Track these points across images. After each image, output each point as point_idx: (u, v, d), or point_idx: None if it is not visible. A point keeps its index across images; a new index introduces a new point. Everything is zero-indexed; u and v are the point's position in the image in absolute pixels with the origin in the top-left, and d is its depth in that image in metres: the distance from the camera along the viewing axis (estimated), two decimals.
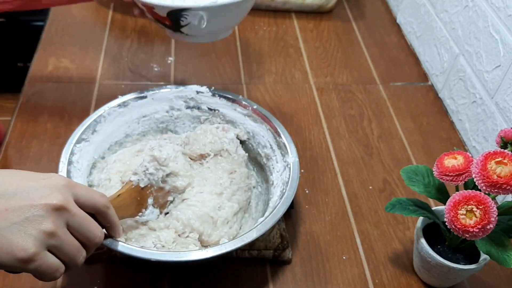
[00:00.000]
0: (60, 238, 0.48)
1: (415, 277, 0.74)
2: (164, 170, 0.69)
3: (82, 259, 0.51)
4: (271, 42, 1.15)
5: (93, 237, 0.51)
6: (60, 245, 0.48)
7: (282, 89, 1.04)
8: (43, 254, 0.47)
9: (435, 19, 1.06)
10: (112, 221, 0.56)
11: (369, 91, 1.05)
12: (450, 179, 0.63)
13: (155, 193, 0.69)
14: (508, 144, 0.64)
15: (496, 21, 0.86)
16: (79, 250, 0.50)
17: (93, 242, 0.52)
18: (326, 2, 1.22)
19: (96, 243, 0.52)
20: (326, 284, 0.73)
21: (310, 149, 0.92)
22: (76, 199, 0.50)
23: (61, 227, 0.48)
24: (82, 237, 0.51)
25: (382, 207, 0.83)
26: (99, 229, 0.53)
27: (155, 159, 0.69)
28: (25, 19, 1.83)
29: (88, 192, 0.52)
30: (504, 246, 0.62)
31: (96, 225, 0.52)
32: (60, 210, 0.48)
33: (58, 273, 0.49)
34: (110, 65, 1.04)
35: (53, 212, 0.47)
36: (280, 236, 0.75)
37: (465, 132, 0.96)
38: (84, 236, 0.51)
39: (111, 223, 0.56)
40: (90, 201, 0.52)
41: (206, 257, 0.61)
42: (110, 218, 0.55)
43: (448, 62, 1.02)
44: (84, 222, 0.50)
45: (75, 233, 0.50)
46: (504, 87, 0.84)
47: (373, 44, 1.18)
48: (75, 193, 0.50)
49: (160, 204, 0.70)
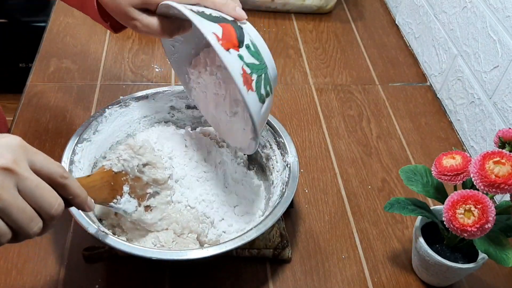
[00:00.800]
0: (6, 201, 0.44)
1: (414, 276, 0.75)
2: (139, 159, 0.68)
3: (37, 229, 0.47)
4: (271, 42, 1.16)
5: (48, 207, 0.47)
6: (7, 209, 0.44)
7: (281, 90, 1.04)
8: None
9: (433, 20, 1.07)
10: (75, 192, 0.51)
11: (368, 92, 1.06)
12: (448, 178, 0.64)
13: (131, 182, 0.67)
14: (506, 144, 0.65)
15: (494, 22, 0.87)
16: (32, 219, 0.46)
17: (48, 212, 0.47)
18: (326, 3, 1.23)
19: (52, 214, 0.47)
20: (325, 283, 0.73)
21: (310, 148, 0.92)
22: (31, 164, 0.46)
23: (8, 189, 0.44)
24: (35, 205, 0.46)
25: (381, 206, 0.84)
26: (56, 199, 0.48)
27: (130, 147, 0.68)
28: (26, 20, 1.84)
29: (45, 159, 0.48)
30: (502, 245, 0.63)
31: (53, 195, 0.48)
32: (8, 171, 0.44)
33: (4, 239, 0.45)
34: (112, 66, 1.05)
35: (2, 172, 0.44)
36: (279, 235, 0.75)
37: (463, 132, 0.97)
38: (37, 204, 0.46)
39: (74, 195, 0.51)
40: (46, 168, 0.48)
41: (206, 255, 0.62)
42: (71, 189, 0.50)
43: (446, 63, 1.02)
44: (37, 188, 0.46)
45: (28, 199, 0.46)
46: (502, 88, 0.85)
47: (372, 44, 1.19)
48: (30, 158, 0.46)
49: (138, 195, 0.68)
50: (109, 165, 0.65)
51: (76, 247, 0.73)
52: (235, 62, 0.56)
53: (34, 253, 0.73)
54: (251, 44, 0.59)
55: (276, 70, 0.63)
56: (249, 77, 0.57)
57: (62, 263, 0.72)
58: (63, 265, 0.72)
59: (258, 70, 0.59)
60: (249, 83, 0.57)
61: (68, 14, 1.16)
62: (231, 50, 0.56)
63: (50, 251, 0.73)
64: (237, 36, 0.58)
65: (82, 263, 0.72)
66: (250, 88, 0.57)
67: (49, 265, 0.72)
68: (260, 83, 0.59)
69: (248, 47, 0.58)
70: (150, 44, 1.11)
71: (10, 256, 0.72)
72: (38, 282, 0.70)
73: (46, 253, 0.73)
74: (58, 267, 0.71)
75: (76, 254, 0.73)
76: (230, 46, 0.57)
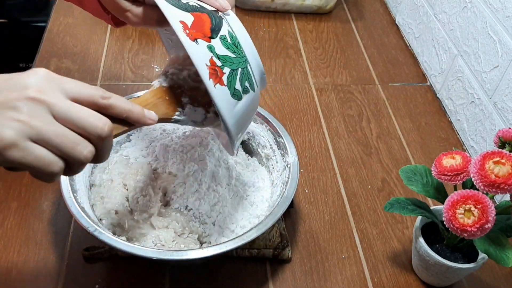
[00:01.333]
0: (41, 128, 0.43)
1: (414, 276, 0.75)
2: (188, 69, 0.62)
3: (88, 153, 0.46)
4: (271, 43, 1.16)
5: (91, 127, 0.46)
6: (44, 137, 0.44)
7: (281, 90, 1.04)
8: (25, 144, 0.43)
9: (433, 20, 1.07)
10: (125, 109, 0.49)
11: (368, 92, 1.06)
12: (448, 178, 0.64)
13: (189, 93, 0.61)
14: (506, 144, 0.65)
15: (494, 22, 0.87)
16: (78, 143, 0.45)
17: (94, 132, 0.46)
18: (326, 3, 1.23)
19: (99, 134, 0.46)
20: (325, 283, 0.73)
21: (310, 149, 0.93)
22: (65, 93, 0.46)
23: (41, 117, 0.44)
24: (77, 129, 0.45)
25: (381, 206, 0.84)
26: (99, 118, 0.46)
27: (173, 61, 0.63)
28: (27, 20, 1.84)
29: (77, 85, 0.47)
30: (502, 245, 0.63)
31: (93, 114, 0.46)
32: (35, 101, 0.44)
33: (56, 167, 0.45)
34: (112, 66, 1.05)
35: (30, 102, 0.43)
36: (279, 235, 0.75)
37: (463, 132, 0.97)
38: (79, 128, 0.45)
39: (125, 111, 0.49)
40: (83, 94, 0.47)
41: (206, 255, 0.62)
42: (119, 107, 0.49)
43: (446, 63, 1.02)
44: (71, 111, 0.45)
45: (67, 125, 0.45)
46: (502, 88, 0.85)
47: (372, 44, 1.19)
48: (62, 87, 0.46)
49: (201, 103, 0.61)
50: (158, 82, 0.60)
51: (76, 247, 0.73)
52: (201, 53, 0.54)
53: (34, 253, 0.73)
54: (228, 36, 0.56)
55: (263, 67, 0.60)
56: (219, 70, 0.54)
57: (62, 263, 0.72)
58: (63, 265, 0.72)
59: (233, 63, 0.56)
60: (218, 76, 0.54)
61: (68, 14, 1.16)
62: (199, 40, 0.54)
63: (50, 251, 0.73)
64: (212, 26, 0.56)
65: (82, 263, 0.72)
66: (219, 82, 0.54)
67: (49, 265, 0.72)
68: (234, 77, 0.56)
69: (223, 39, 0.56)
70: (150, 44, 1.11)
71: (10, 256, 0.72)
72: (38, 282, 0.70)
73: (46, 253, 0.73)
74: (58, 267, 0.71)
75: (76, 254, 0.73)
76: (199, 36, 0.54)
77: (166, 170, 0.74)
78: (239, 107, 0.57)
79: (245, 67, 0.57)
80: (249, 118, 0.62)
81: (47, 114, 0.44)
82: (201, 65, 0.53)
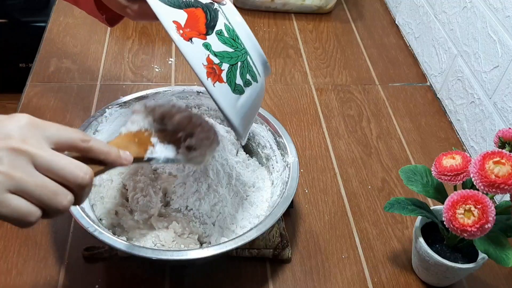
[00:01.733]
0: (21, 180, 0.43)
1: (414, 276, 0.75)
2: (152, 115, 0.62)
3: (67, 203, 0.46)
4: (271, 43, 1.16)
5: (72, 177, 0.46)
6: (24, 188, 0.44)
7: (281, 90, 1.04)
8: (3, 196, 0.43)
9: (433, 20, 1.07)
10: (103, 151, 0.50)
11: (368, 92, 1.06)
12: (448, 178, 0.64)
13: (156, 134, 0.61)
14: (506, 144, 0.65)
15: (494, 22, 0.87)
16: (57, 193, 0.45)
17: (74, 182, 0.46)
18: (325, 3, 1.23)
19: (79, 183, 0.46)
20: (325, 283, 0.73)
21: (310, 149, 0.93)
22: (46, 139, 0.46)
23: (22, 168, 0.44)
24: (58, 178, 0.45)
25: (381, 206, 0.84)
26: (80, 168, 0.46)
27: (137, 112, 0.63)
28: (27, 20, 1.84)
29: (59, 129, 0.47)
30: (502, 245, 0.63)
31: (74, 164, 0.46)
32: (17, 152, 0.44)
33: (32, 217, 0.45)
34: (112, 66, 1.05)
35: (11, 153, 0.43)
36: (280, 235, 0.75)
37: (463, 132, 0.97)
38: (59, 177, 0.45)
39: (103, 154, 0.50)
40: (63, 138, 0.47)
41: (206, 255, 0.62)
42: (98, 150, 0.49)
43: (446, 63, 1.02)
44: (52, 161, 0.45)
45: (48, 174, 0.45)
46: (502, 88, 0.85)
47: (372, 44, 1.19)
48: (44, 134, 0.46)
49: (171, 141, 0.62)
50: (125, 129, 0.60)
51: (76, 247, 0.73)
52: (196, 53, 0.53)
53: (34, 253, 0.73)
54: (225, 30, 0.55)
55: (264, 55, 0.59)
56: (217, 68, 0.53)
57: (62, 263, 0.72)
58: (63, 265, 0.72)
59: (232, 58, 0.54)
60: (217, 74, 0.53)
61: (68, 14, 1.16)
62: (194, 39, 0.53)
63: (50, 251, 0.73)
64: (207, 22, 0.54)
65: (82, 263, 0.72)
66: (218, 80, 0.53)
67: (49, 265, 0.72)
68: (234, 72, 0.55)
69: (219, 33, 0.54)
70: (150, 44, 1.11)
71: (10, 256, 0.72)
72: (38, 282, 0.70)
73: (46, 253, 0.73)
74: (58, 267, 0.71)
75: (76, 254, 0.73)
76: (194, 35, 0.53)
77: (166, 171, 0.74)
78: (242, 101, 0.56)
79: (245, 60, 0.56)
80: (255, 109, 0.60)
81: (28, 165, 0.44)
82: (197, 66, 0.52)
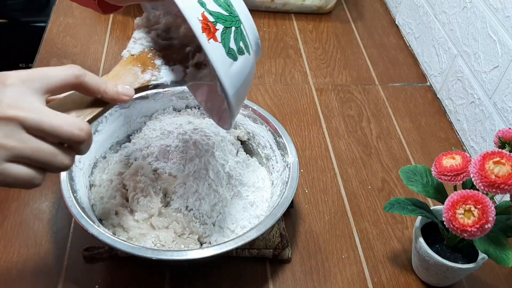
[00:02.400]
0: (15, 148, 0.43)
1: (414, 276, 0.75)
2: (156, 28, 0.59)
3: (68, 161, 0.46)
4: (271, 43, 1.16)
5: (66, 135, 0.45)
6: (20, 154, 0.43)
7: (282, 90, 1.04)
8: (2, 166, 0.43)
9: (433, 20, 1.07)
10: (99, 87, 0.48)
11: (368, 92, 1.06)
12: (448, 179, 0.64)
13: (161, 53, 0.58)
14: (506, 144, 0.65)
15: (494, 22, 0.87)
16: (55, 154, 0.45)
17: (69, 140, 0.45)
18: (326, 3, 1.23)
19: (76, 140, 0.45)
20: (325, 283, 0.73)
21: (310, 149, 0.93)
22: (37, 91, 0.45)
23: (14, 136, 0.43)
24: (53, 139, 0.45)
25: (381, 206, 0.84)
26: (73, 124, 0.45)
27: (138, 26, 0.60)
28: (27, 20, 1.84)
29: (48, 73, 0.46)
30: (502, 245, 0.63)
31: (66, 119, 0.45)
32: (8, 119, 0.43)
33: (37, 180, 0.45)
34: (112, 66, 1.05)
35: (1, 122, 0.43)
36: (279, 235, 0.75)
37: (463, 132, 0.97)
38: (54, 137, 0.44)
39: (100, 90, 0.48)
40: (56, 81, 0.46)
41: (206, 255, 0.62)
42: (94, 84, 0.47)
43: (446, 63, 1.02)
44: (43, 123, 0.44)
45: (42, 135, 0.44)
46: (502, 88, 0.85)
47: (372, 45, 1.19)
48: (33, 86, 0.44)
49: (177, 60, 0.58)
50: (126, 52, 0.57)
51: (76, 247, 0.73)
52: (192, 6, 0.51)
53: (34, 253, 0.73)
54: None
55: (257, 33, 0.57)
56: (211, 25, 0.52)
57: (62, 263, 0.72)
58: (63, 265, 0.72)
59: (227, 21, 0.53)
60: (212, 31, 0.51)
61: (68, 14, 1.16)
62: None
63: (50, 251, 0.73)
64: None
65: (82, 263, 0.72)
66: (213, 38, 0.51)
67: (49, 265, 0.72)
68: (228, 35, 0.53)
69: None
70: None
71: (10, 256, 0.72)
72: (38, 282, 0.70)
73: (46, 253, 0.73)
74: (58, 267, 0.71)
75: (76, 254, 0.73)
76: None
77: (166, 171, 0.74)
78: (235, 68, 0.54)
79: (239, 27, 0.54)
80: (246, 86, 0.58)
81: (19, 131, 0.44)
82: (192, 19, 0.51)
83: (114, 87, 0.50)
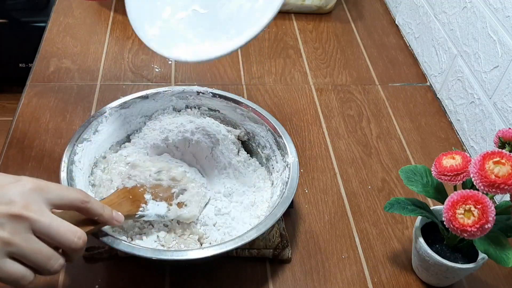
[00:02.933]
0: (19, 246, 0.46)
1: (414, 276, 0.75)
2: (149, 170, 0.70)
3: (58, 266, 0.50)
4: (271, 43, 1.16)
5: (66, 242, 0.49)
6: (21, 253, 0.47)
7: (281, 90, 1.04)
8: (3, 261, 0.46)
9: (433, 20, 1.07)
10: (99, 212, 0.54)
11: (368, 92, 1.06)
12: (448, 179, 0.64)
13: (150, 190, 0.68)
14: (506, 144, 0.65)
15: (494, 22, 0.87)
16: (50, 257, 0.49)
17: (68, 247, 0.50)
18: (325, 3, 1.23)
19: (74, 248, 0.50)
20: (325, 283, 0.73)
21: (310, 149, 0.93)
22: (48, 201, 0.49)
23: (21, 234, 0.46)
24: (54, 242, 0.49)
25: (380, 206, 0.84)
26: (74, 233, 0.50)
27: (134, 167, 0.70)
28: (26, 20, 1.84)
29: (61, 191, 0.51)
30: (502, 245, 0.63)
31: (70, 228, 0.50)
32: (18, 218, 0.46)
33: (24, 281, 0.48)
34: (111, 66, 1.05)
35: (12, 219, 0.46)
36: (279, 235, 0.75)
37: (463, 132, 0.97)
38: (56, 242, 0.49)
39: (98, 214, 0.54)
40: (65, 200, 0.51)
41: (206, 255, 0.62)
42: (94, 210, 0.53)
43: (446, 63, 1.02)
44: (51, 227, 0.48)
45: (46, 238, 0.48)
46: (502, 88, 0.85)
47: (372, 45, 1.19)
48: (46, 197, 0.49)
49: (164, 198, 0.69)
50: (121, 185, 0.67)
51: None
52: None
53: None
54: None
55: None
56: None
57: None
58: None
59: None
60: None
61: (68, 14, 1.16)
62: None
63: None
64: None
65: (82, 263, 0.72)
66: None
67: None
68: None
69: None
70: None
71: None
72: (38, 282, 0.70)
73: None
74: None
75: None
76: None
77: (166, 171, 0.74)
78: None
79: None
80: None
81: (27, 230, 0.47)
82: None
83: (110, 212, 0.57)
